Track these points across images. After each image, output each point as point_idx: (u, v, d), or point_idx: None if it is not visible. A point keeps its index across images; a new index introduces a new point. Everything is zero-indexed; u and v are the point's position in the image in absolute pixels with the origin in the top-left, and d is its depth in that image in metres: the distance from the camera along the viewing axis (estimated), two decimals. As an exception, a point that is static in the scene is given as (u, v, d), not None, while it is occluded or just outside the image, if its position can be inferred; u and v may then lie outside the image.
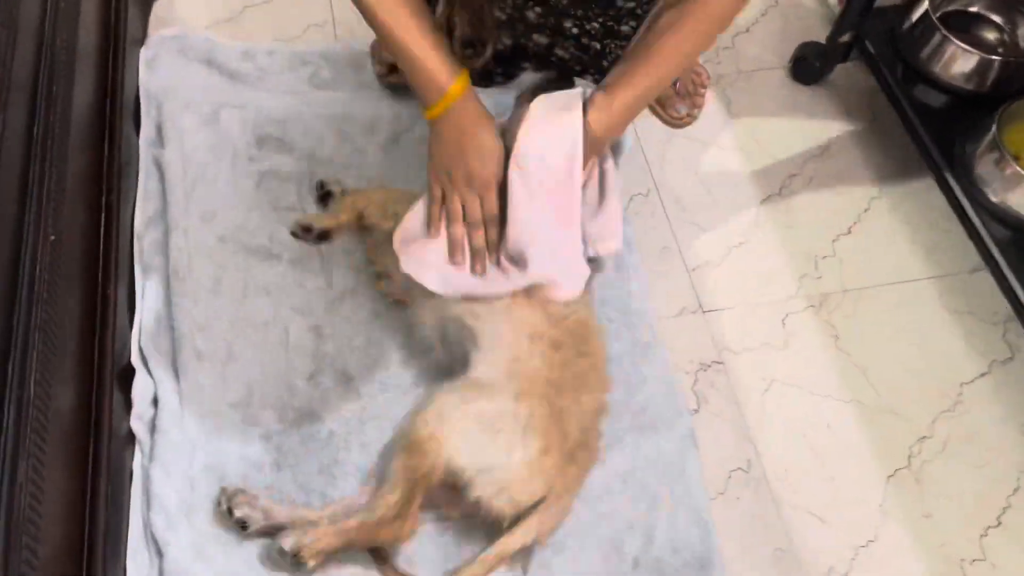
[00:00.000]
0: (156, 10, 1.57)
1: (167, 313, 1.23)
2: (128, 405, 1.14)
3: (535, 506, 1.03)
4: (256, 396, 1.19)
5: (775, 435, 1.21)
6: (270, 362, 1.22)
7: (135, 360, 1.18)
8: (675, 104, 1.42)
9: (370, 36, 1.50)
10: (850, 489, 1.18)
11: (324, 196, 1.34)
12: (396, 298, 1.23)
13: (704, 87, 1.43)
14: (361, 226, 1.28)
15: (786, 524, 1.14)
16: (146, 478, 1.10)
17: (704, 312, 1.31)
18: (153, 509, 1.07)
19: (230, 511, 1.06)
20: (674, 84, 1.40)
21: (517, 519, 1.03)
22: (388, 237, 1.14)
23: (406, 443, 1.03)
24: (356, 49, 1.54)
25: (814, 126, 1.53)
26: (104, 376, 1.10)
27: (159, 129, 1.41)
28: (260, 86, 1.50)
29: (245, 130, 1.43)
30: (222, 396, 1.18)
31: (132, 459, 1.12)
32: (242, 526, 1.06)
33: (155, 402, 1.16)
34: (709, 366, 1.26)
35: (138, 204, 1.33)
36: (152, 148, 1.39)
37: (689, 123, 1.43)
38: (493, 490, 1.02)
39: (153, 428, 1.14)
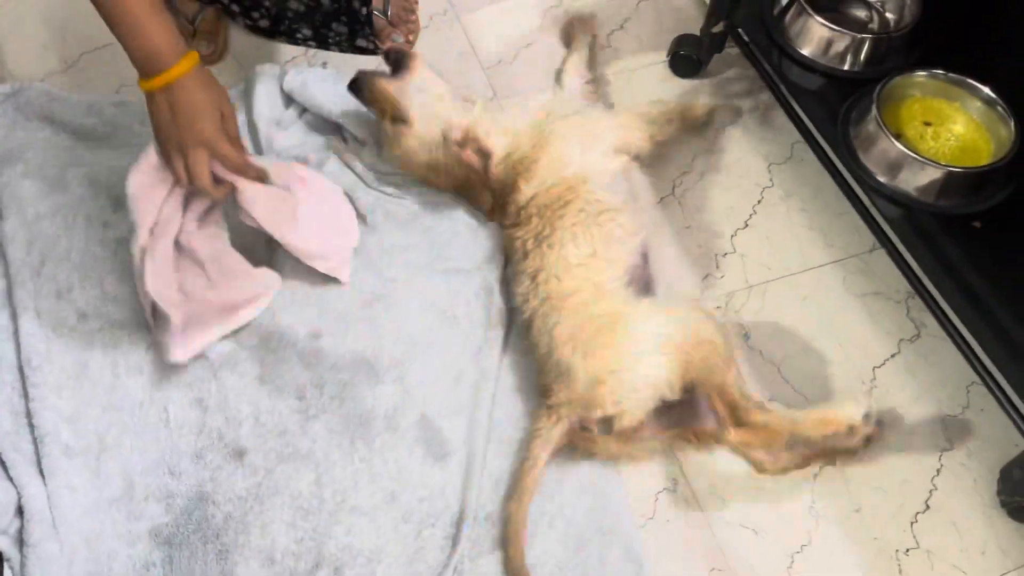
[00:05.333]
0: (-20, 67, 1.43)
1: (24, 408, 1.11)
2: (-7, 519, 1.02)
3: None
4: (138, 488, 1.08)
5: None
6: (150, 447, 1.11)
7: (-9, 469, 1.05)
8: (391, 34, 1.48)
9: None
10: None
11: None
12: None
13: (414, 11, 1.52)
14: None
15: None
16: (23, 598, 0.98)
17: (611, 328, 1.26)
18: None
19: None
20: (386, 14, 1.46)
21: None
22: None
23: None
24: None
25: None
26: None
27: (-5, 202, 1.28)
28: (111, 143, 1.38)
29: (98, 193, 1.31)
30: (99, 494, 1.07)
31: (-1, 584, 1.00)
32: None
33: (20, 512, 1.04)
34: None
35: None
36: (-14, 225, 1.26)
37: (408, 49, 1.44)
38: None
39: (21, 542, 1.02)
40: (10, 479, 1.05)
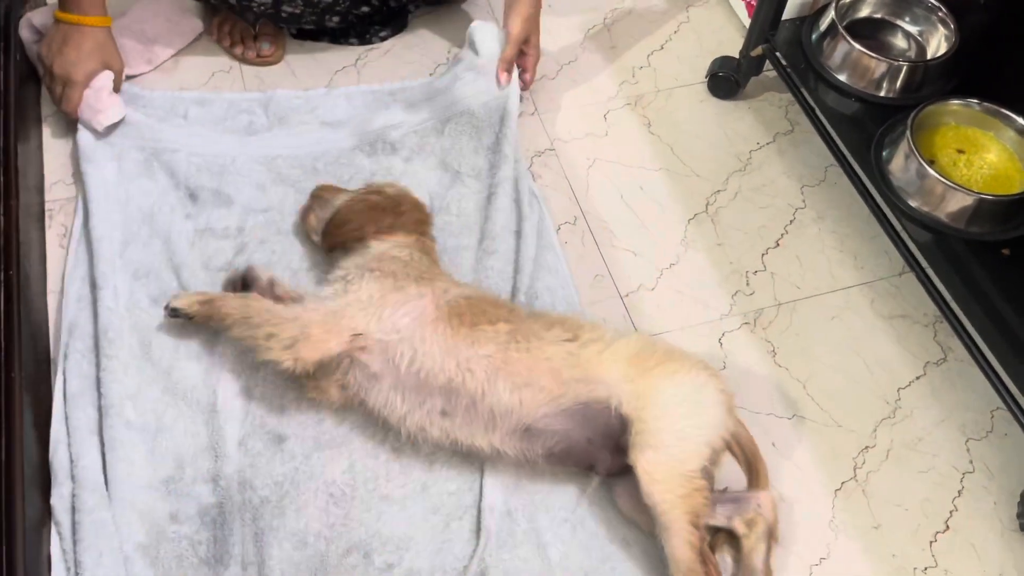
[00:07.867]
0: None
1: (94, 375, 1.18)
2: (45, 482, 1.09)
3: None
4: (187, 470, 1.14)
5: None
6: (201, 431, 1.17)
7: (56, 431, 1.13)
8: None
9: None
10: (802, 506, 1.17)
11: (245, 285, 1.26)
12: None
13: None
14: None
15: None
16: (76, 564, 1.05)
17: (640, 338, 1.30)
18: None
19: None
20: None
21: None
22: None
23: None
24: (293, 93, 1.52)
25: (735, 140, 1.54)
26: (13, 451, 1.05)
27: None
28: (192, 136, 1.45)
29: (178, 184, 1.39)
30: (153, 472, 1.13)
31: (48, 544, 1.06)
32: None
33: (72, 479, 1.11)
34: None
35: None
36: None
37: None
38: None
39: (73, 508, 1.08)
40: (69, 446, 1.12)
